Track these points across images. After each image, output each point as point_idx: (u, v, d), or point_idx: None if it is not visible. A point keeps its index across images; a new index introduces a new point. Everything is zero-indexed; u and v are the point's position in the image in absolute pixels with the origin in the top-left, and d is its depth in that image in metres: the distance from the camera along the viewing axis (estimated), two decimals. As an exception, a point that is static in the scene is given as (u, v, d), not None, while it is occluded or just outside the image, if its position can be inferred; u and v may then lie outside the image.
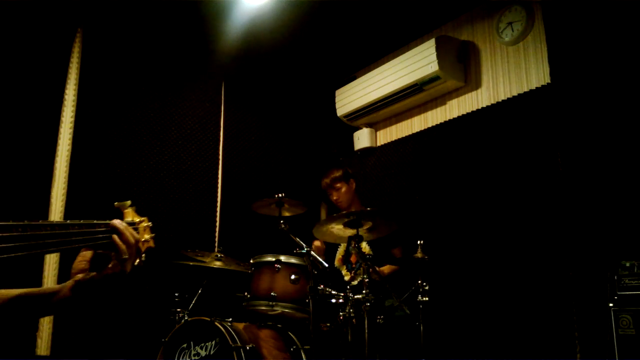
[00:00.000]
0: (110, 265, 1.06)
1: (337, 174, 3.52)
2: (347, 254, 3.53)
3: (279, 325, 2.96)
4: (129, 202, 1.29)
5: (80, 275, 1.07)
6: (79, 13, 3.59)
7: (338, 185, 3.51)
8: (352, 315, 2.62)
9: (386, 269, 3.33)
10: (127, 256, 1.06)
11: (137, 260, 1.27)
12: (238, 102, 4.35)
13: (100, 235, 1.04)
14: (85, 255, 1.09)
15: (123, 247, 1.06)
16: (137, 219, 1.27)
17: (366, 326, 2.52)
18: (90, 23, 3.65)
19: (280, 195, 3.02)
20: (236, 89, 4.36)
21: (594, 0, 2.83)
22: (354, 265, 3.49)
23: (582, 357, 2.69)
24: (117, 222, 1.07)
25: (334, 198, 3.55)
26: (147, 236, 1.31)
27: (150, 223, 1.34)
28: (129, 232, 1.08)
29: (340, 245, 3.60)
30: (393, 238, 3.29)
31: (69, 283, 1.07)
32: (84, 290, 1.06)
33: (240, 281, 3.13)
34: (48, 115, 3.42)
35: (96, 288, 1.06)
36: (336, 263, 3.63)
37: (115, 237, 1.06)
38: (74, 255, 1.10)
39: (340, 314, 2.67)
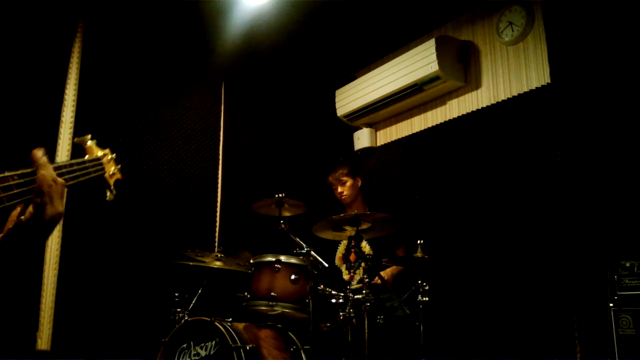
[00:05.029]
0: (23, 216, 0.92)
1: (345, 168, 3.63)
2: (347, 252, 3.54)
3: (279, 325, 2.96)
4: (88, 137, 1.27)
5: None
6: (78, 17, 3.59)
7: (344, 179, 3.57)
8: (352, 315, 2.62)
9: (390, 270, 3.31)
10: (39, 201, 0.92)
11: (109, 194, 1.28)
12: (238, 102, 4.34)
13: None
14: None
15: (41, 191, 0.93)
16: (100, 153, 1.26)
17: (366, 326, 2.52)
18: (90, 24, 3.65)
19: (280, 195, 3.03)
20: (236, 89, 4.36)
21: (594, 1, 2.83)
22: (353, 264, 3.49)
23: (582, 357, 2.69)
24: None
25: (339, 191, 3.57)
26: (112, 168, 1.30)
27: (114, 155, 1.32)
28: (40, 178, 0.93)
29: (340, 243, 3.60)
30: (395, 237, 3.30)
31: None
32: (5, 246, 0.93)
33: (240, 281, 3.13)
34: (48, 115, 3.42)
35: (17, 241, 0.93)
36: (336, 262, 3.63)
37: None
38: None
39: (340, 314, 2.67)
